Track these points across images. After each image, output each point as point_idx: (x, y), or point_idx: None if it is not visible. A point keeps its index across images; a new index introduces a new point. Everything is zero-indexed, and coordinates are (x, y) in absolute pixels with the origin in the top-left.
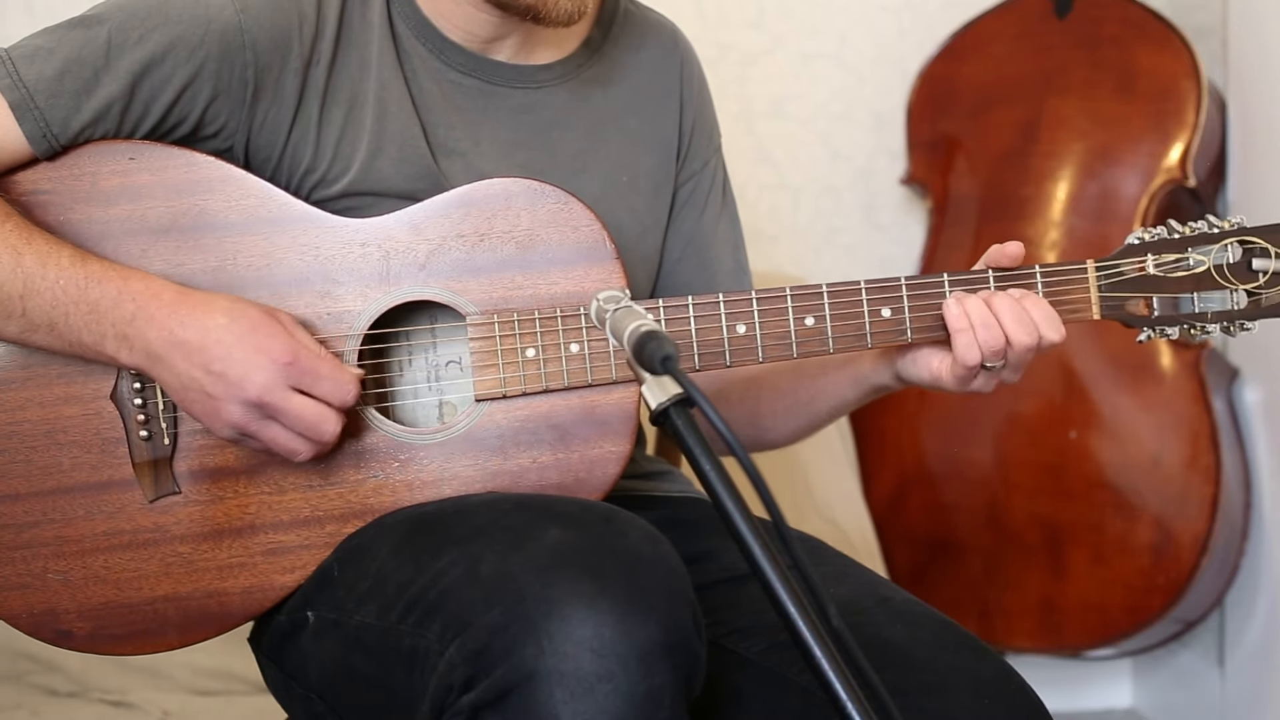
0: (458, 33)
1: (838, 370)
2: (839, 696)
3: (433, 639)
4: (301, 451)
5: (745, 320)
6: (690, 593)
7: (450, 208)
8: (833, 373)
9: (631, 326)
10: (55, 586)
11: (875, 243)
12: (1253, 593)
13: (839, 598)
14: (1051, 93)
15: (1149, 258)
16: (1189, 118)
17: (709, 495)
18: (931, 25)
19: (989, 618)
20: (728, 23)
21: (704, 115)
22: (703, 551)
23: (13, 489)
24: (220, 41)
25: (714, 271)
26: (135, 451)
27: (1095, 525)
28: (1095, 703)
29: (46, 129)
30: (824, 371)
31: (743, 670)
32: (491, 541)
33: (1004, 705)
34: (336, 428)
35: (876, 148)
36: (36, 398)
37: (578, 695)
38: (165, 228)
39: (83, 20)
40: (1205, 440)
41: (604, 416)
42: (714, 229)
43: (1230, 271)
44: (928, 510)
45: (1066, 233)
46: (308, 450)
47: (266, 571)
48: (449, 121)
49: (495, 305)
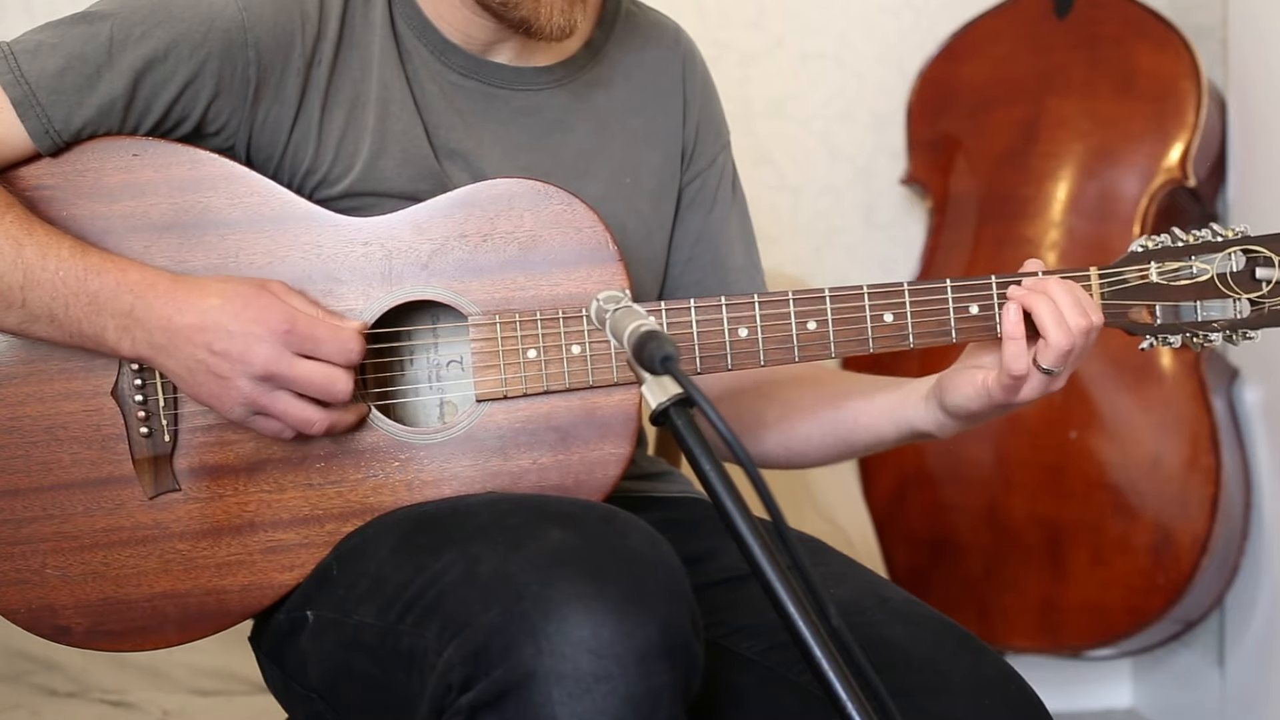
0: (458, 35)
1: (881, 410)
2: (839, 697)
3: (431, 639)
4: (315, 420)
5: (747, 323)
6: (689, 594)
7: (453, 208)
8: (876, 412)
9: (631, 327)
10: (54, 582)
11: (875, 243)
12: (1253, 593)
13: (839, 598)
14: (1051, 93)
15: (1152, 265)
16: (1189, 118)
17: (709, 495)
18: (931, 25)
19: (989, 618)
20: (727, 22)
21: (709, 113)
22: (703, 552)
23: (12, 484)
24: (223, 40)
25: (726, 269)
26: (135, 448)
27: (1095, 525)
28: (1095, 703)
29: (49, 125)
30: (869, 412)
31: (743, 670)
32: (491, 542)
33: (1004, 705)
34: (348, 385)
35: (876, 148)
36: (37, 393)
37: (576, 696)
38: (168, 224)
39: (85, 16)
40: (1205, 440)
41: (605, 418)
42: (724, 226)
43: (1233, 280)
44: (928, 510)
45: (1066, 233)
46: (321, 419)
47: (265, 569)
48: (451, 123)
49: (497, 306)
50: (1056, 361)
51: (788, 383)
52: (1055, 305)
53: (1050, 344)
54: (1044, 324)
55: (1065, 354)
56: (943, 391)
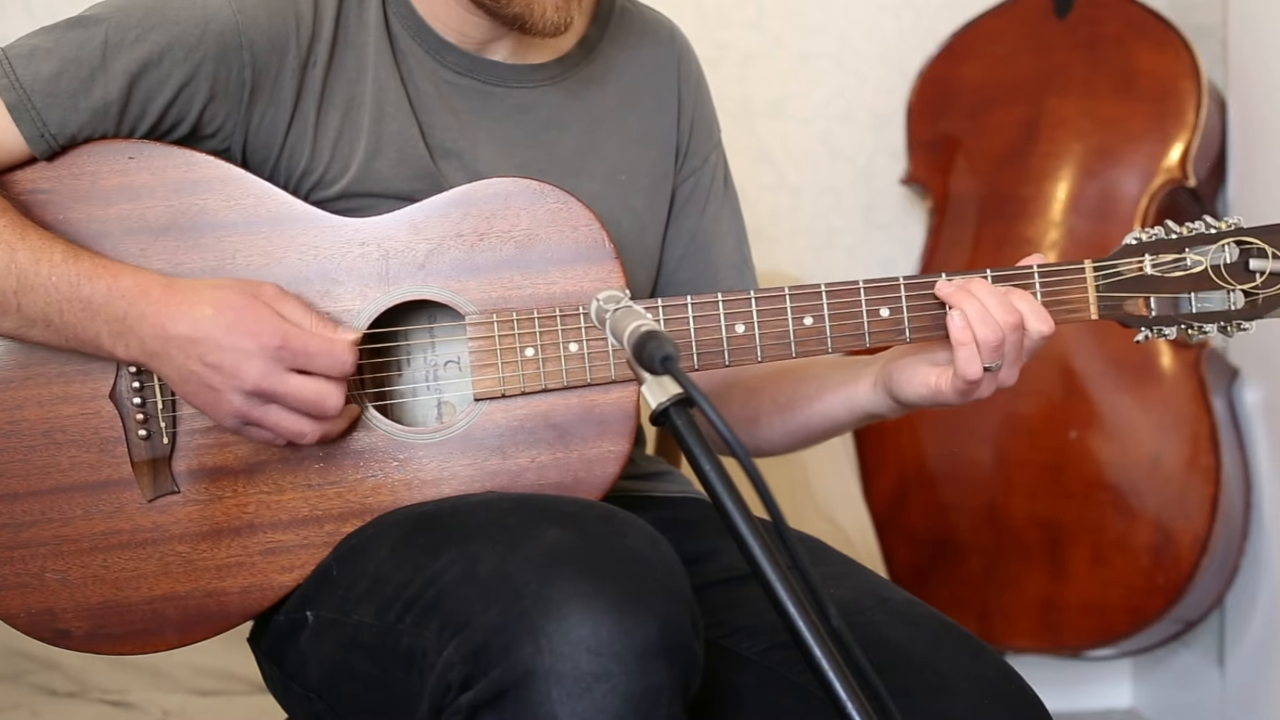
0: (453, 34)
1: (834, 393)
2: (839, 697)
3: (431, 638)
4: (307, 432)
5: (744, 320)
6: (688, 593)
7: (449, 207)
8: (829, 395)
9: (631, 326)
10: (53, 586)
11: (875, 243)
12: (1253, 593)
13: (839, 598)
14: (1051, 93)
15: (1147, 258)
16: (1189, 118)
17: (709, 495)
18: (931, 25)
19: (989, 618)
20: (727, 22)
21: (703, 111)
22: (703, 551)
23: (11, 488)
24: (217, 42)
25: (716, 268)
26: (134, 451)
27: (1095, 525)
28: (1095, 703)
29: (44, 129)
30: (821, 394)
31: (743, 670)
32: (490, 541)
33: (1004, 705)
34: (339, 400)
35: (876, 148)
36: (35, 397)
37: (575, 695)
38: (164, 227)
39: (80, 20)
40: (1205, 440)
41: (603, 416)
42: (716, 225)
43: (1228, 272)
44: (928, 510)
45: (1066, 233)
46: (313, 430)
47: (265, 571)
48: (446, 122)
49: (494, 305)
50: (990, 357)
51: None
52: (980, 303)
53: (979, 340)
54: (971, 321)
55: (996, 348)
56: (893, 382)
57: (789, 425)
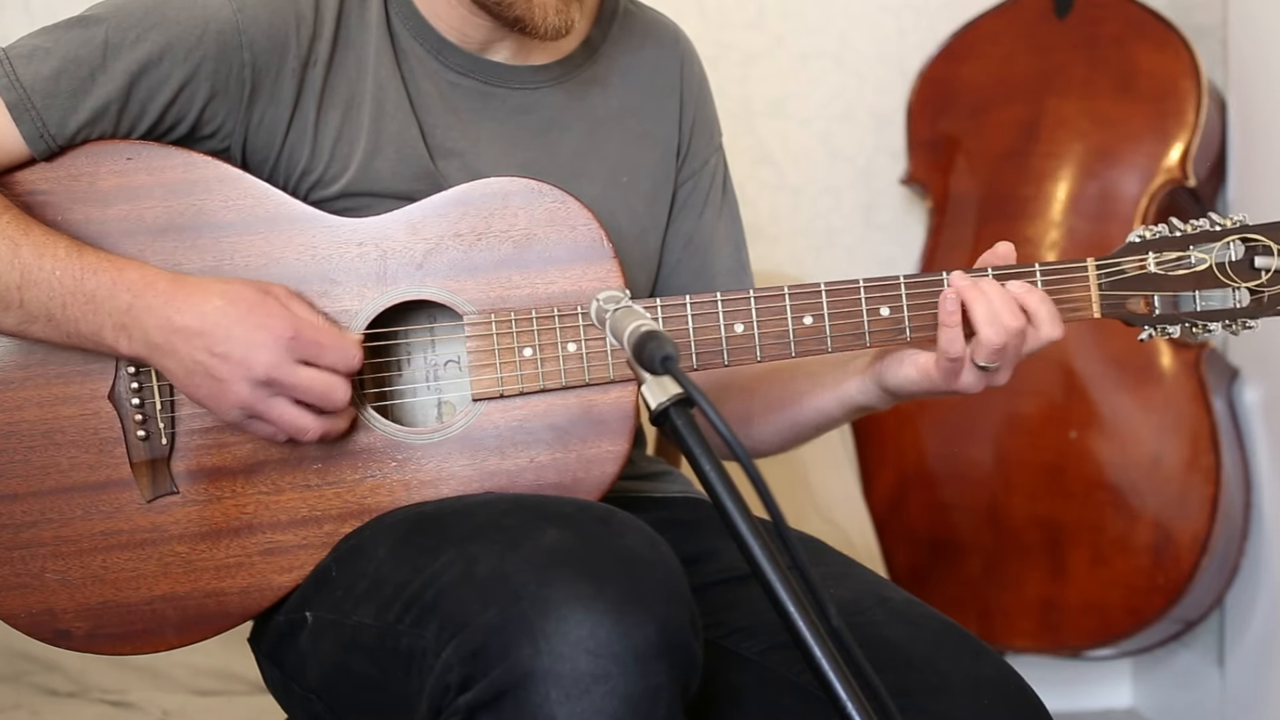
0: (454, 34)
1: (825, 388)
2: (839, 697)
3: (430, 639)
4: (310, 428)
5: (743, 319)
6: (687, 593)
7: (448, 207)
8: (820, 390)
9: (631, 326)
10: (53, 586)
11: (875, 243)
12: (1253, 593)
13: (839, 598)
14: (1051, 93)
15: (1150, 255)
16: (1189, 118)
17: (709, 495)
18: (932, 25)
19: (989, 618)
20: (728, 22)
21: (704, 114)
22: (702, 552)
23: (11, 489)
24: (217, 42)
25: (713, 274)
26: (133, 451)
27: (1095, 525)
28: (1095, 703)
29: (44, 129)
30: (813, 390)
31: (743, 670)
32: (489, 542)
33: (1004, 706)
34: (346, 393)
35: (876, 148)
36: (34, 398)
37: (574, 696)
38: (163, 227)
39: (80, 20)
40: (1205, 440)
41: (601, 416)
42: (714, 229)
43: (1232, 269)
44: (928, 510)
45: (1066, 233)
46: (316, 426)
47: (264, 571)
48: (447, 122)
49: (493, 304)
50: (990, 358)
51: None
52: (990, 304)
53: (982, 341)
54: (977, 320)
55: (998, 351)
56: (884, 369)
57: (781, 423)
